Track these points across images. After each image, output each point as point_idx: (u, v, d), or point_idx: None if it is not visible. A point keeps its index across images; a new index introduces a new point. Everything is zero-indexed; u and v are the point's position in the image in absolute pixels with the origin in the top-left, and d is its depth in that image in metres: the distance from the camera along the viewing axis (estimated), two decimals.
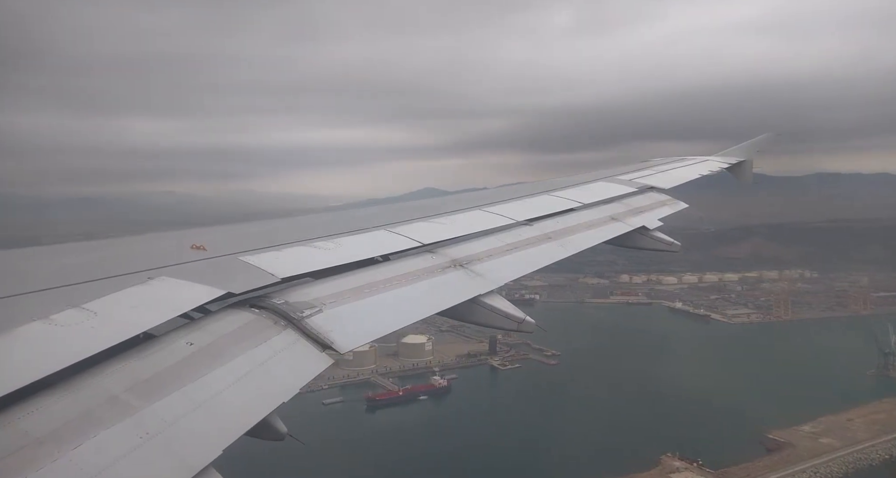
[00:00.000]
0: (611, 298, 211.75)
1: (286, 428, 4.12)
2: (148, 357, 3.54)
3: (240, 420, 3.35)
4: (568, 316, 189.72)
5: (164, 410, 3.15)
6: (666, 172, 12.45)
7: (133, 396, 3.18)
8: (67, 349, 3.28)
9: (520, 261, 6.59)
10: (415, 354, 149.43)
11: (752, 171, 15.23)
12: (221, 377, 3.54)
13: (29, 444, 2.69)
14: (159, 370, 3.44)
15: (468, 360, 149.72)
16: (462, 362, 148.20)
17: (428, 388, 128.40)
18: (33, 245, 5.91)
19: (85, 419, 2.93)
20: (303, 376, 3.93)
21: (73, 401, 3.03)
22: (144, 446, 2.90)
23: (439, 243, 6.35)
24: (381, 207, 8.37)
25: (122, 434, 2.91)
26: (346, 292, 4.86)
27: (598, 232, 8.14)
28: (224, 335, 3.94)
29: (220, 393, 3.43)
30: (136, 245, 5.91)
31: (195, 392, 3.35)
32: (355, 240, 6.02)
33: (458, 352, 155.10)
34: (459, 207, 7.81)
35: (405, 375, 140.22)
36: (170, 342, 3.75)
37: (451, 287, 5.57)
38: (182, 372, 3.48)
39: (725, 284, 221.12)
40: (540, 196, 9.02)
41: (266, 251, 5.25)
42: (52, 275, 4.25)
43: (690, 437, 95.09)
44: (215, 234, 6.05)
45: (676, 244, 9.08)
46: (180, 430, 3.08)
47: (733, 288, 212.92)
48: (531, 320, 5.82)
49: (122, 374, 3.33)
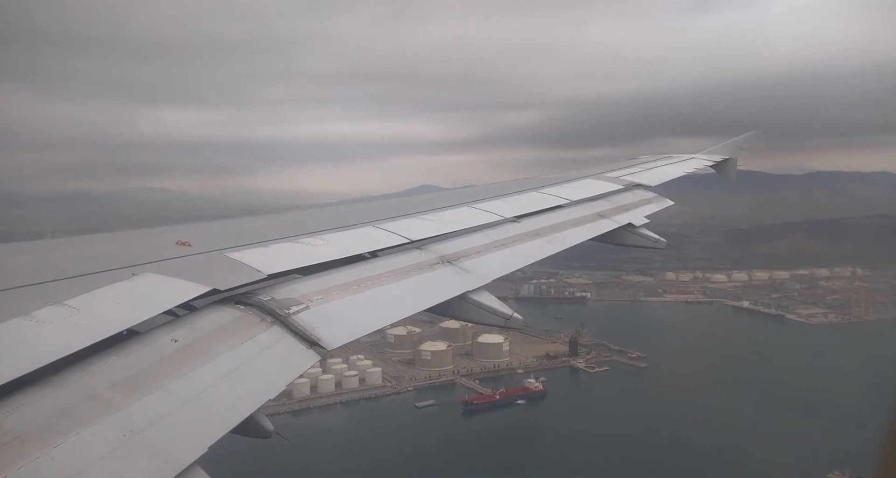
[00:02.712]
0: (665, 297, 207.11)
1: (272, 426, 4.19)
2: (132, 354, 3.48)
3: (225, 418, 3.30)
4: (629, 315, 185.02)
5: (148, 407, 3.10)
6: (652, 169, 12.46)
7: (116, 393, 3.12)
8: (49, 346, 3.21)
9: (508, 257, 6.56)
10: (491, 354, 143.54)
11: (737, 168, 15.24)
12: (207, 374, 3.48)
13: (9, 442, 2.64)
14: (143, 367, 3.38)
15: (549, 361, 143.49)
16: (543, 364, 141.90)
17: (524, 391, 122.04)
18: (13, 241, 5.52)
19: (67, 417, 2.87)
20: (289, 372, 3.85)
21: (55, 399, 2.98)
22: (128, 444, 2.85)
23: (428, 240, 6.29)
24: (370, 204, 8.43)
25: (105, 432, 2.86)
26: (333, 289, 4.81)
27: (585, 229, 8.19)
28: (209, 332, 3.88)
29: (206, 390, 3.38)
30: (119, 241, 5.85)
31: (180, 389, 3.30)
32: (343, 236, 5.97)
33: (535, 353, 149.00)
34: (448, 204, 7.82)
35: (488, 377, 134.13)
36: (154, 339, 3.68)
37: (440, 284, 5.54)
38: (166, 369, 3.42)
39: (780, 281, 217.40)
40: (528, 193, 9.08)
41: (252, 247, 5.19)
42: (34, 271, 4.17)
43: (848, 451, 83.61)
44: (201, 230, 6.03)
45: (662, 241, 9.07)
46: (165, 428, 3.03)
47: (790, 286, 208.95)
48: (518, 317, 5.79)
49: (106, 371, 3.27)
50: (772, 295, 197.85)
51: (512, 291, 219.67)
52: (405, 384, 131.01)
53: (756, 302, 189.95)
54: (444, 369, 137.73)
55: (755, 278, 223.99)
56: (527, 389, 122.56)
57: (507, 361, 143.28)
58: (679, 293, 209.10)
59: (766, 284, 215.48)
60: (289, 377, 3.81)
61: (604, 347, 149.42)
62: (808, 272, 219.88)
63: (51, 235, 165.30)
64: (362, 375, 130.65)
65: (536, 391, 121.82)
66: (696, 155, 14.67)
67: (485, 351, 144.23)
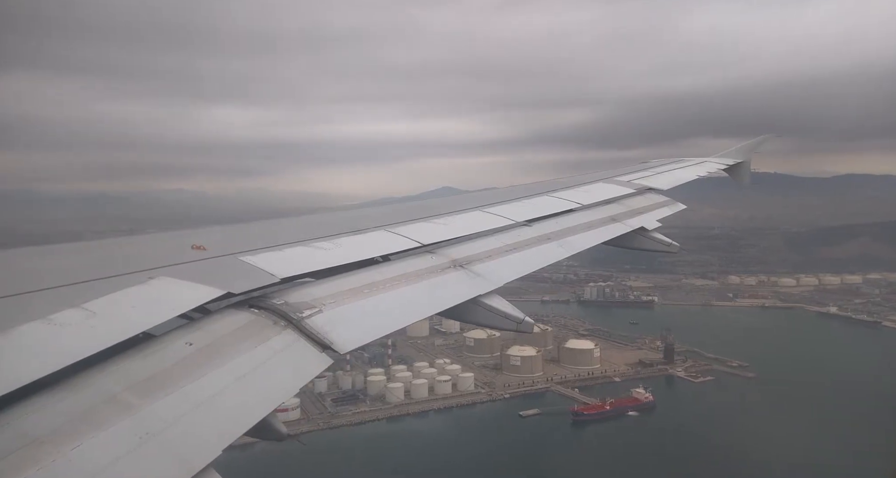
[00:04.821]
0: (738, 302, 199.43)
1: (286, 429, 4.28)
2: (147, 357, 3.53)
3: (239, 420, 3.33)
4: (707, 320, 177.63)
5: (163, 409, 3.14)
6: (664, 173, 12.36)
7: (133, 395, 3.17)
8: (67, 349, 3.26)
9: (519, 261, 6.57)
10: (581, 361, 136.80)
11: (751, 172, 15.13)
12: (221, 377, 3.52)
13: (28, 444, 2.69)
14: (159, 370, 3.43)
15: (644, 369, 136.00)
16: (637, 372, 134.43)
17: (633, 402, 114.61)
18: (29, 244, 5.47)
19: (84, 419, 2.92)
20: (302, 376, 3.89)
21: (73, 401, 3.03)
22: (144, 446, 2.89)
23: (439, 244, 6.33)
24: (383, 208, 8.32)
25: (122, 434, 2.90)
26: (345, 293, 4.84)
27: (597, 233, 8.16)
28: (224, 335, 3.92)
29: (220, 393, 3.42)
30: (136, 245, 5.88)
31: (195, 392, 3.34)
32: (355, 240, 6.00)
33: (626, 360, 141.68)
34: (460, 208, 7.81)
35: (584, 385, 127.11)
36: (169, 342, 3.73)
37: (451, 287, 5.55)
38: (182, 372, 3.46)
39: (854, 286, 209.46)
40: (540, 197, 9.01)
41: (266, 251, 5.23)
42: (52, 275, 4.21)
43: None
44: (216, 234, 6.04)
45: (675, 245, 9.01)
46: (180, 430, 3.07)
47: (868, 291, 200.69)
48: (530, 321, 5.78)
49: (122, 373, 3.32)
50: (854, 300, 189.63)
51: (573, 294, 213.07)
52: (499, 391, 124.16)
53: (844, 308, 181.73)
54: (535, 375, 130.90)
55: (826, 282, 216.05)
56: (636, 399, 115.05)
57: (599, 368, 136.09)
58: (751, 298, 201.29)
59: (841, 289, 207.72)
60: (302, 380, 3.84)
61: (696, 355, 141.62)
62: (882, 277, 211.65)
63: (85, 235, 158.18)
64: (454, 380, 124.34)
65: (647, 402, 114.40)
66: (709, 158, 14.61)
67: (573, 357, 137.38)
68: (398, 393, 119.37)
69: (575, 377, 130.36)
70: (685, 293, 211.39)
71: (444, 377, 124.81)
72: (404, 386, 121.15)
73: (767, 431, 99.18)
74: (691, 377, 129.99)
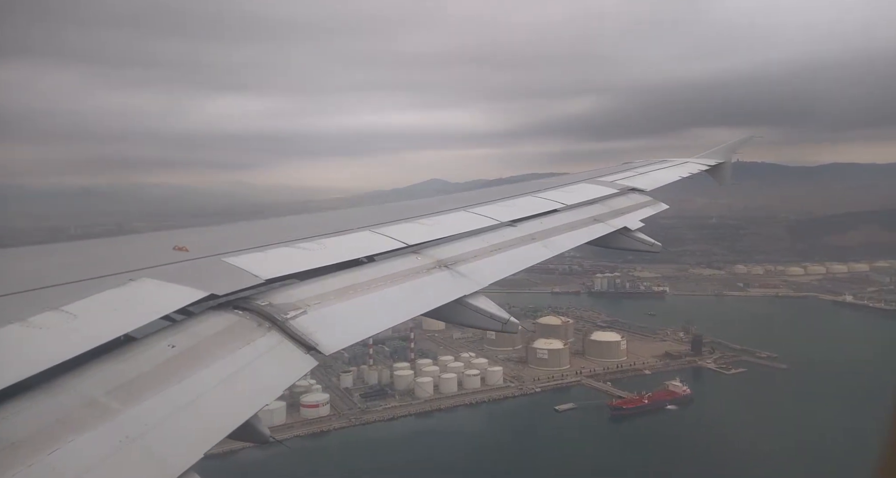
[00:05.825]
0: (750, 291, 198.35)
1: (269, 432, 4.25)
2: (128, 360, 3.46)
3: (223, 423, 3.30)
4: (723, 310, 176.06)
5: (144, 413, 3.08)
6: (647, 173, 12.45)
7: (113, 399, 3.11)
8: (46, 352, 3.19)
9: (504, 261, 6.53)
10: (607, 353, 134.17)
11: (731, 172, 15.38)
12: (204, 379, 3.48)
13: (4, 448, 2.62)
14: (140, 373, 3.37)
15: (672, 361, 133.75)
16: (666, 364, 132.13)
17: (671, 395, 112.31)
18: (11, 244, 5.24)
19: (63, 423, 2.86)
20: (287, 377, 3.86)
21: (51, 404, 2.96)
22: (124, 450, 2.84)
23: (424, 244, 6.26)
24: (367, 208, 8.30)
25: (102, 438, 2.84)
26: (330, 294, 4.80)
27: (580, 233, 8.18)
28: (207, 337, 3.87)
29: (203, 395, 3.37)
30: (116, 246, 5.79)
31: (177, 395, 3.29)
32: (340, 241, 5.94)
33: (652, 352, 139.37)
34: (444, 208, 7.79)
35: (614, 378, 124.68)
36: (151, 345, 3.67)
37: (437, 288, 5.52)
38: (164, 375, 3.41)
39: (863, 274, 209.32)
40: (524, 197, 9.02)
41: (250, 252, 5.16)
42: (30, 276, 4.14)
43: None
44: (198, 234, 5.96)
45: (657, 245, 9.06)
46: (161, 433, 3.02)
47: (878, 279, 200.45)
48: (515, 321, 5.79)
49: (102, 377, 3.26)
50: (867, 288, 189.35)
51: (583, 285, 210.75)
52: (529, 385, 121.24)
53: (859, 296, 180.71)
54: (563, 368, 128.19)
55: (834, 271, 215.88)
56: (673, 393, 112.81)
57: (626, 360, 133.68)
58: (763, 287, 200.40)
59: (850, 277, 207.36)
60: (286, 382, 3.80)
61: (721, 346, 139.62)
62: (889, 265, 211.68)
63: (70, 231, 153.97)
64: (483, 374, 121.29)
65: (685, 395, 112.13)
66: (691, 159, 14.85)
67: (600, 350, 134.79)
68: (427, 388, 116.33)
69: (603, 370, 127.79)
70: (695, 283, 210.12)
71: (472, 371, 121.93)
72: (433, 381, 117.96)
73: (809, 422, 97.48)
74: (722, 369, 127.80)
